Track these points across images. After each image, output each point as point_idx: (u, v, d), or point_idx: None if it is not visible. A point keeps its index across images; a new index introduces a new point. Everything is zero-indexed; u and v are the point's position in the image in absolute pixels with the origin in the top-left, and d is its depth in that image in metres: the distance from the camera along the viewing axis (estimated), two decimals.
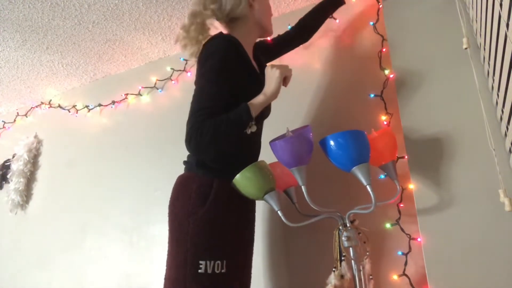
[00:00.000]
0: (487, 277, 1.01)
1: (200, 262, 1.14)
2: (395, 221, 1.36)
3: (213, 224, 1.17)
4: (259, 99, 1.15)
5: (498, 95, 0.99)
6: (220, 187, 1.20)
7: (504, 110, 0.96)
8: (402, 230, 1.34)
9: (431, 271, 1.08)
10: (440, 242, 1.09)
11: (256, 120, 1.18)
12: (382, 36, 1.55)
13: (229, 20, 1.29)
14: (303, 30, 1.62)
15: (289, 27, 1.78)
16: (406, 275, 1.30)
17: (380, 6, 1.59)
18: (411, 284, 1.28)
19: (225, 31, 1.29)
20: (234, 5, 1.25)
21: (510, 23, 0.72)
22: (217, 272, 1.14)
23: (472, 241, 1.05)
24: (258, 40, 1.41)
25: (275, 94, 1.17)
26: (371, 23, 1.61)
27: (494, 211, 1.04)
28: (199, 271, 1.13)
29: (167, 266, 1.22)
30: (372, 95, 1.54)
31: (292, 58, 1.83)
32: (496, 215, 1.03)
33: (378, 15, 1.60)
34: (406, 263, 1.31)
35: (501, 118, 1.03)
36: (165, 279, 1.20)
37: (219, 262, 1.15)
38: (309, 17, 1.60)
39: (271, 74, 1.17)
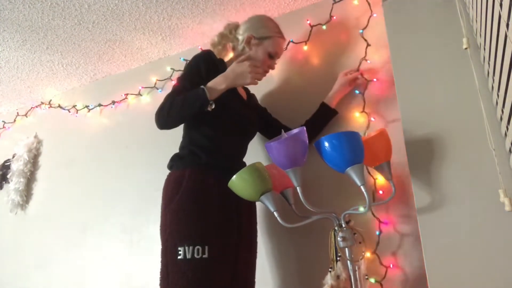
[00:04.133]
0: (487, 277, 1.01)
1: (179, 248, 1.17)
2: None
3: (188, 210, 1.22)
4: (216, 81, 1.29)
5: (498, 95, 0.99)
6: (192, 176, 1.28)
7: (504, 110, 0.96)
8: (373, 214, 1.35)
9: (431, 271, 1.08)
10: (440, 242, 1.09)
11: (243, 131, 1.43)
12: (366, 41, 1.59)
13: (237, 51, 1.51)
14: None
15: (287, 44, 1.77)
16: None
17: (374, 15, 1.62)
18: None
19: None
20: (238, 41, 1.50)
21: (510, 23, 0.72)
22: (197, 257, 1.15)
23: (472, 241, 1.05)
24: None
25: (235, 80, 1.31)
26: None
27: (494, 211, 1.04)
28: (179, 257, 1.17)
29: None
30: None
31: (292, 58, 1.83)
32: (496, 215, 1.03)
33: (368, 22, 1.62)
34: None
35: (501, 118, 1.03)
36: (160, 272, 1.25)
37: (199, 247, 1.16)
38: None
39: (241, 64, 1.33)
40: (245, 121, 1.47)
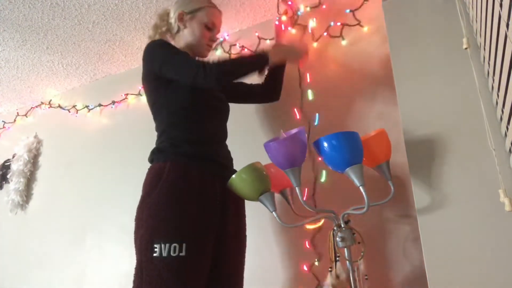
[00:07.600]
0: (487, 277, 1.01)
1: (155, 245, 1.10)
2: None
3: (165, 205, 1.15)
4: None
5: (498, 95, 0.99)
6: (172, 169, 1.21)
7: (504, 110, 0.96)
8: None
9: (431, 272, 1.08)
10: (440, 242, 1.09)
11: (215, 116, 1.38)
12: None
13: (174, 35, 1.49)
14: (266, 91, 1.62)
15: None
16: None
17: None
18: None
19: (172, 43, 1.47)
20: (171, 24, 1.47)
21: (510, 23, 0.72)
22: (174, 255, 1.08)
23: (472, 241, 1.05)
24: None
25: (279, 54, 1.38)
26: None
27: (494, 211, 1.04)
28: (154, 255, 1.09)
29: None
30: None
31: None
32: (496, 215, 1.03)
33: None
34: None
35: (501, 118, 1.03)
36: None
37: (176, 245, 1.09)
38: (265, 82, 1.62)
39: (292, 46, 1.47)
40: (219, 102, 1.43)
